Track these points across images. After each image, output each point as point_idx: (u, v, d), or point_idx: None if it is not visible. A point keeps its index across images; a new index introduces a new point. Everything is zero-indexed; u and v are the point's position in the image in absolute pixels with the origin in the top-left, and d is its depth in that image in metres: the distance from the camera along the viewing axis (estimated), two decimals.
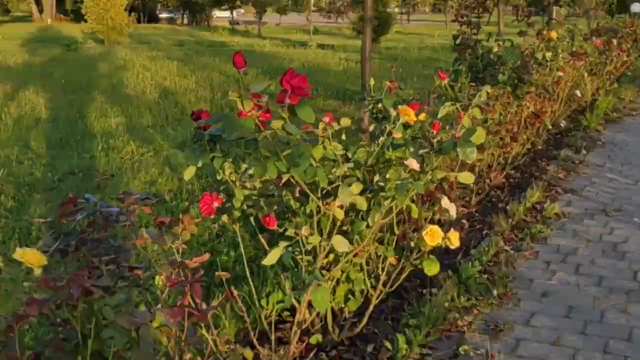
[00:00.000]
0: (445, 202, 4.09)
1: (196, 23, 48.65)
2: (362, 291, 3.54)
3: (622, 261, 4.79)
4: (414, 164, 3.08)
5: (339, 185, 2.87)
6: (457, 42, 7.79)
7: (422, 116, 3.62)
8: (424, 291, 4.28)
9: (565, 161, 7.60)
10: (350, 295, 3.52)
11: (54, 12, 51.40)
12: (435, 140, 3.27)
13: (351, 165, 3.14)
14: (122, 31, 24.22)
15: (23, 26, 39.16)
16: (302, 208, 2.97)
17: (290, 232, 2.62)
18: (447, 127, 4.14)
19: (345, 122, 2.94)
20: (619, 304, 4.11)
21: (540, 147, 7.46)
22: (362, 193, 3.12)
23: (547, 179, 6.85)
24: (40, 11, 51.46)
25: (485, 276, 4.48)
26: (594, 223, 5.64)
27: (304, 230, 2.61)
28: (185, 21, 51.20)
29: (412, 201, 3.86)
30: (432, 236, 3.25)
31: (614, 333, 3.75)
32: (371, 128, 3.45)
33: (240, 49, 19.72)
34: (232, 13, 43.67)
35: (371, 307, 3.58)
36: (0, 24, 43.15)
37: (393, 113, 3.31)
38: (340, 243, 2.67)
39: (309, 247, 2.70)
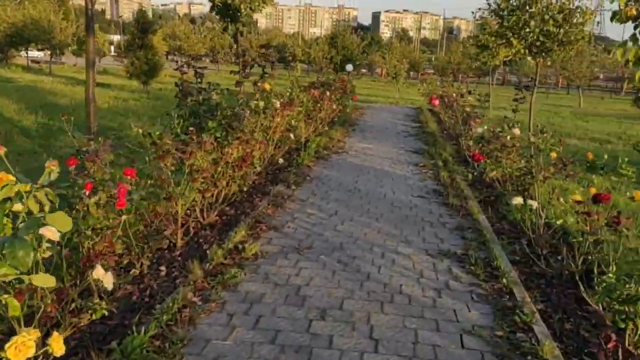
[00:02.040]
0: (98, 271, 2.74)
1: None
2: None
3: (301, 309, 3.81)
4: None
5: None
6: (180, 89, 6.55)
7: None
8: None
9: (276, 197, 6.67)
10: None
11: None
12: None
13: None
14: None
15: None
16: None
17: None
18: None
19: None
20: None
21: (245, 190, 6.38)
22: None
23: (256, 216, 5.83)
24: None
25: (158, 343, 3.21)
26: (286, 263, 4.66)
27: None
28: None
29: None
30: (19, 351, 1.88)
31: None
32: None
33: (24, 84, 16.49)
34: (27, 52, 38.24)
35: None
36: None
37: None
38: None
39: None
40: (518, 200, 4.53)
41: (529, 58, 12.76)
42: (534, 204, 4.54)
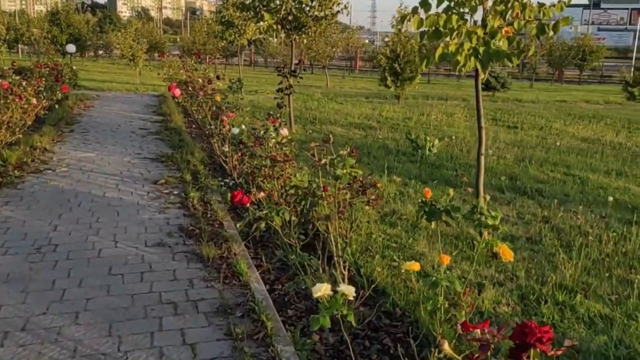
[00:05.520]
0: None
1: None
2: None
3: None
4: None
5: None
6: None
7: None
8: None
9: None
10: None
11: None
12: None
13: None
14: None
15: None
16: None
17: None
18: None
19: None
20: None
21: None
22: None
23: None
24: None
25: None
26: None
27: None
28: None
29: None
30: None
31: None
32: None
33: None
34: None
35: None
36: None
37: None
38: None
39: None
40: (324, 290, 2.42)
41: (282, 35, 11.05)
42: (349, 291, 2.45)
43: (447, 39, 4.55)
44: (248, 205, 3.45)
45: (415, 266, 2.65)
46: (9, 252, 4.31)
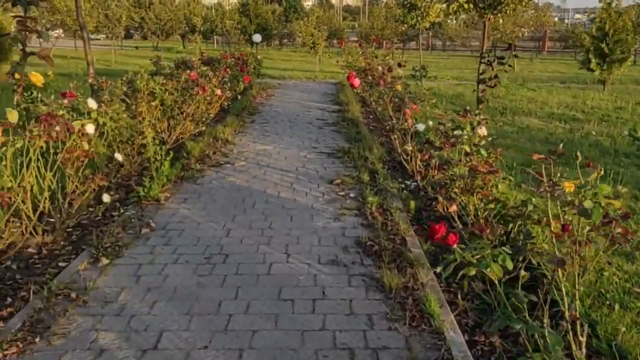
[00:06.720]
0: None
1: None
2: None
3: None
4: None
5: None
6: None
7: None
8: None
9: (56, 296, 3.38)
10: None
11: None
12: None
13: None
14: None
15: None
16: None
17: None
18: None
19: None
20: None
21: None
22: None
23: None
24: None
25: None
26: None
27: None
28: None
29: None
30: None
31: None
32: None
33: None
34: None
35: None
36: None
37: None
38: None
39: None
40: None
41: (463, 16, 9.86)
42: None
43: None
44: (455, 246, 2.60)
45: None
46: (180, 261, 4.03)
